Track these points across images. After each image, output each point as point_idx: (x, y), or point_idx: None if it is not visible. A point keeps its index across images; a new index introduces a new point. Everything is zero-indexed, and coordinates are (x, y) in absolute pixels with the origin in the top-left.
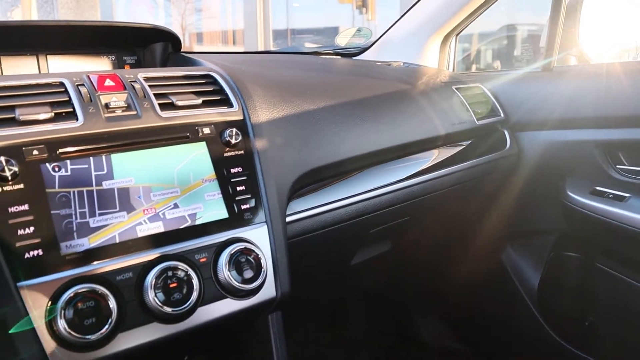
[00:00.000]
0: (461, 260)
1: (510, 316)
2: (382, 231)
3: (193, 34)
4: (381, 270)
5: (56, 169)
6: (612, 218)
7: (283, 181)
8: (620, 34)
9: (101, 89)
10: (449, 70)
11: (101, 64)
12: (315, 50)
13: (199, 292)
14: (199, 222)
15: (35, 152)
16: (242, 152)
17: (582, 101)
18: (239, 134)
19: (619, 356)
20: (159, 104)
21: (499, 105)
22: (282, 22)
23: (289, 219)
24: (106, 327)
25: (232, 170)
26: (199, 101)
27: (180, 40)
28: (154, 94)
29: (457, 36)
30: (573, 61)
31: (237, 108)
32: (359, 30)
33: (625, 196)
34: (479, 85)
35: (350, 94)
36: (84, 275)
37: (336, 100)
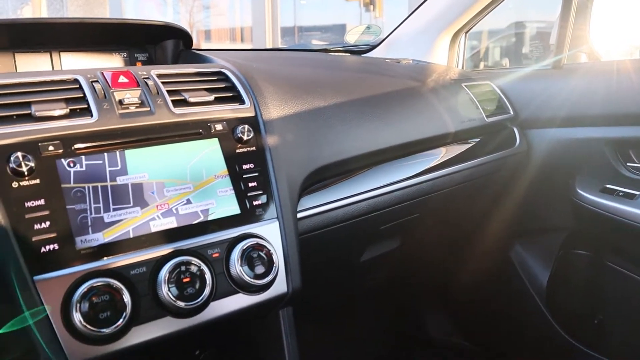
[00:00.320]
0: (469, 257)
1: (519, 314)
2: (392, 228)
3: (201, 31)
4: (390, 267)
5: (71, 165)
6: (622, 216)
7: (294, 178)
8: (631, 31)
9: (115, 85)
10: (458, 67)
11: (113, 61)
12: (324, 47)
13: (212, 287)
14: (211, 217)
15: (51, 147)
16: (254, 148)
17: (592, 98)
18: (251, 130)
19: (629, 355)
20: (171, 101)
21: (508, 102)
22: (289, 19)
23: (299, 215)
24: (120, 320)
25: (244, 167)
26: (211, 98)
27: (192, 37)
28: (166, 90)
29: (466, 34)
30: (583, 58)
31: (249, 105)
32: (368, 28)
33: (635, 194)
34: (488, 83)
35: (360, 91)
36: (98, 269)
37: (346, 97)
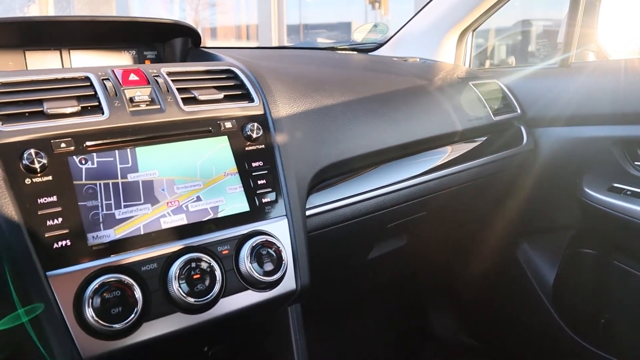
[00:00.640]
0: (476, 256)
1: (525, 313)
2: (398, 226)
3: (206, 29)
4: (396, 265)
5: (83, 162)
6: (630, 215)
7: (303, 175)
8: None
9: (126, 83)
10: (465, 66)
11: (122, 59)
12: (331, 45)
13: (222, 284)
14: (221, 214)
15: (63, 145)
16: (263, 146)
17: (600, 97)
18: (260, 128)
19: (636, 353)
20: (181, 99)
21: (515, 101)
22: (295, 17)
23: (308, 212)
24: (132, 316)
25: (254, 164)
26: (220, 96)
27: (200, 35)
28: (176, 88)
29: (473, 32)
30: (591, 57)
31: (258, 103)
32: (375, 26)
33: None
34: (495, 81)
35: (367, 89)
36: (110, 265)
37: (354, 95)
